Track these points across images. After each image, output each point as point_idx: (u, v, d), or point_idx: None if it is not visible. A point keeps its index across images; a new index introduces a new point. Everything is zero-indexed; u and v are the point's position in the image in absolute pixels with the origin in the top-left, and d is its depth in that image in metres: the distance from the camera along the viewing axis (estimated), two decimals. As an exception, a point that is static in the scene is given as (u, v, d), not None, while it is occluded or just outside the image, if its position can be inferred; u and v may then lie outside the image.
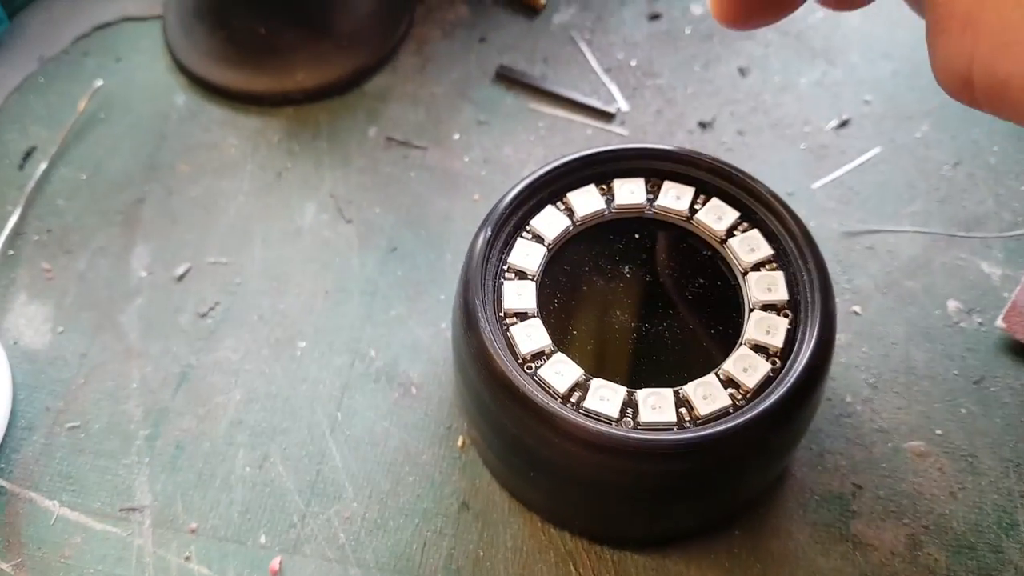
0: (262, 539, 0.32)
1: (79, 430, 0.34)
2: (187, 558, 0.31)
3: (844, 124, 0.41)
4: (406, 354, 0.36)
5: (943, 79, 0.22)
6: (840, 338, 0.35)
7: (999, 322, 0.35)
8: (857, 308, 0.36)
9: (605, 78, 0.43)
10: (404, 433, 0.34)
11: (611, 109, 0.42)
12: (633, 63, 0.44)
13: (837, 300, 0.36)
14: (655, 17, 0.45)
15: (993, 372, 0.34)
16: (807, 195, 0.39)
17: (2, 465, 0.33)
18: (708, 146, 0.41)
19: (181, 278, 0.38)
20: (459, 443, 0.34)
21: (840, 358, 0.35)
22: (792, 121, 0.42)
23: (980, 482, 0.32)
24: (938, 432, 0.33)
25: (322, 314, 0.37)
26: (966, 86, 0.21)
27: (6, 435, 0.34)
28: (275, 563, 0.31)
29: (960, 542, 0.31)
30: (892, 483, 0.32)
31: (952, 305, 0.36)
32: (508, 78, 0.43)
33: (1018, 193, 0.39)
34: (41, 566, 0.31)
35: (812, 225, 0.38)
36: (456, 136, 0.42)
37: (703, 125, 0.41)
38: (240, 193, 0.40)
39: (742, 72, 0.43)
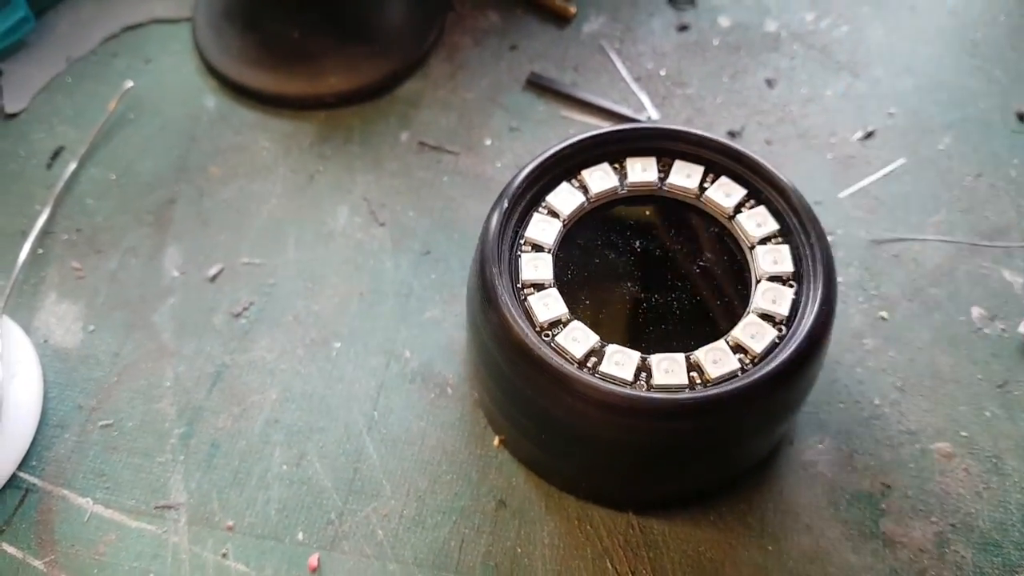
0: (300, 536, 0.32)
1: (112, 428, 0.34)
2: (224, 555, 0.31)
3: (869, 135, 0.42)
4: (441, 355, 0.36)
5: None
6: (868, 343, 0.36)
7: (1021, 328, 0.36)
8: (884, 314, 0.37)
9: (635, 87, 0.44)
10: (440, 432, 0.34)
11: (642, 117, 0.42)
12: (662, 72, 0.45)
13: (865, 306, 0.37)
14: (684, 28, 0.46)
15: (1016, 376, 0.35)
16: (834, 204, 0.40)
17: (34, 463, 0.33)
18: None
19: (214, 279, 0.38)
20: (495, 442, 0.34)
21: (868, 362, 0.36)
22: (819, 132, 0.42)
23: (1005, 482, 0.33)
24: (963, 434, 0.34)
25: (357, 315, 0.37)
26: None
27: (37, 433, 0.34)
28: (313, 559, 0.31)
29: (986, 540, 0.32)
30: (920, 483, 0.33)
31: (976, 312, 0.37)
32: (539, 85, 0.44)
33: (1036, 205, 0.40)
34: (75, 563, 0.31)
35: (840, 233, 0.39)
36: (488, 142, 0.42)
37: (732, 134, 0.42)
38: (272, 196, 0.41)
39: (769, 83, 0.44)
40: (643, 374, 0.28)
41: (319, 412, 0.35)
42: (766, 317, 0.29)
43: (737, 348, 0.29)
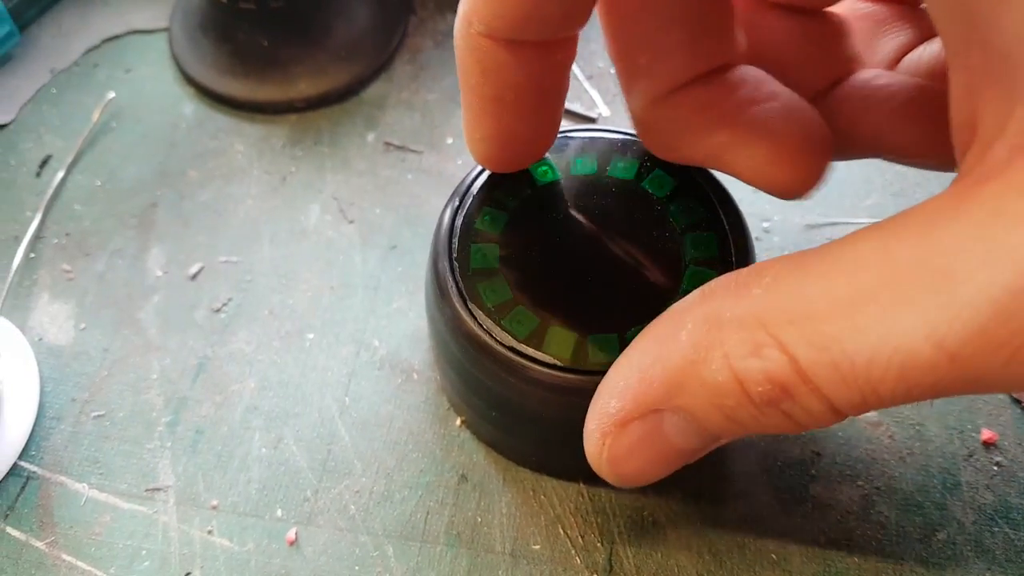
0: (279, 513, 0.35)
1: (104, 418, 0.37)
2: (209, 532, 0.34)
3: (806, 125, 0.45)
4: (407, 343, 0.39)
5: None
6: (802, 321, 0.39)
7: (945, 305, 0.38)
8: (818, 294, 0.40)
9: (587, 84, 0.46)
10: (407, 415, 0.37)
11: (593, 114, 0.45)
12: (612, 71, 0.47)
13: (799, 287, 0.40)
14: (631, 28, 0.48)
15: (940, 350, 0.38)
16: (772, 191, 0.42)
17: (33, 452, 0.36)
18: (681, 147, 0.44)
19: (195, 277, 0.41)
20: (457, 423, 0.37)
21: (802, 339, 0.38)
22: (758, 123, 0.45)
23: (927, 447, 0.36)
24: (890, 405, 0.37)
25: (328, 308, 0.40)
26: None
27: (35, 425, 0.37)
28: (291, 534, 0.34)
29: (908, 501, 0.35)
30: (848, 450, 0.36)
31: (904, 290, 0.40)
32: (496, 85, 0.46)
33: (964, 187, 0.43)
34: (74, 543, 0.34)
35: (777, 219, 0.42)
36: (450, 140, 0.45)
37: (676, 128, 0.45)
38: (248, 197, 0.43)
39: (712, 78, 0.47)
40: (580, 354, 0.31)
41: (294, 399, 0.38)
42: None
43: None
